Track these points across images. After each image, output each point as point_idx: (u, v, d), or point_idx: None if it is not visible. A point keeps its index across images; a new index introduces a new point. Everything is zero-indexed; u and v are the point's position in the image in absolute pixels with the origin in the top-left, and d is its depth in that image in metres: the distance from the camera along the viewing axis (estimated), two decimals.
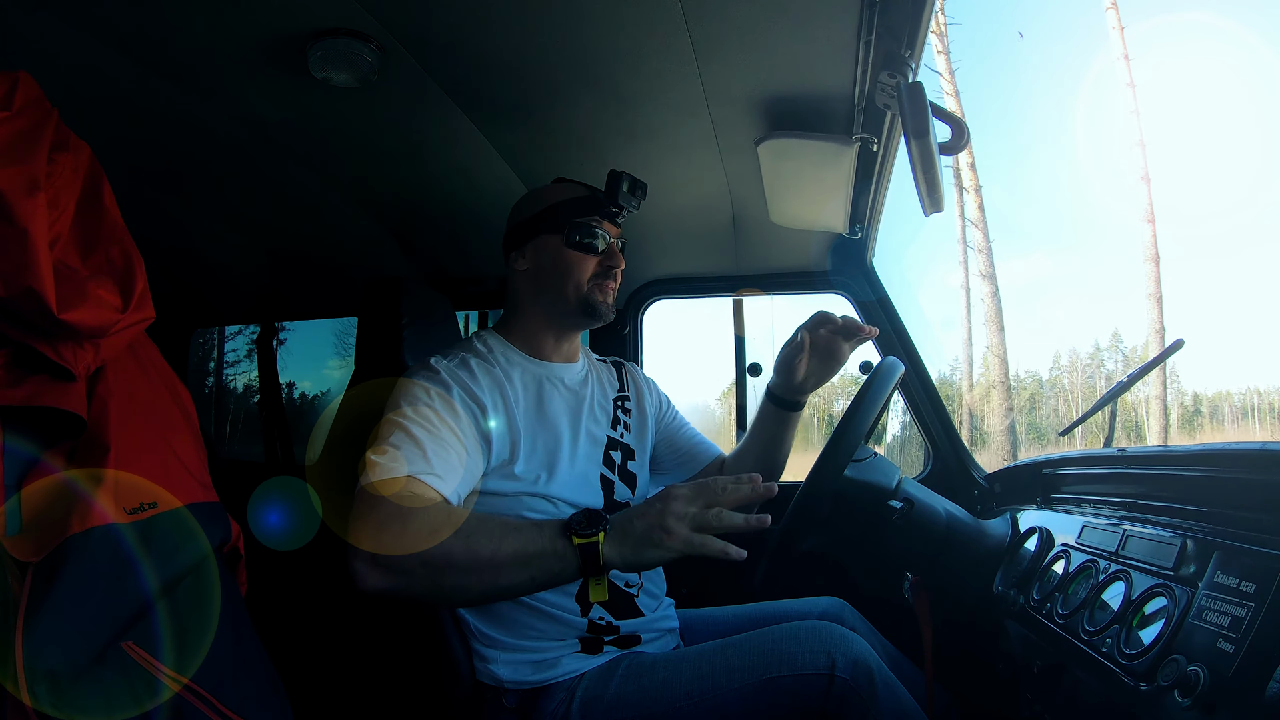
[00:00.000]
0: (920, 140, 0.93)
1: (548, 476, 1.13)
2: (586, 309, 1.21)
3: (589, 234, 1.20)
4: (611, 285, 1.23)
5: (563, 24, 1.02)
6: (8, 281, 0.71)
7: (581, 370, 1.30)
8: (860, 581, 1.53)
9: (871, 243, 1.71)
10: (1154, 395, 11.15)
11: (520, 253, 1.24)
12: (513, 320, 1.27)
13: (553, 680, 1.07)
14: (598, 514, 0.88)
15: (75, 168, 0.81)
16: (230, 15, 0.99)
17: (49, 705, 0.68)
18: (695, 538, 0.84)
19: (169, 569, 0.82)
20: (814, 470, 1.14)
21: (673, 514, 0.85)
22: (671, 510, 0.85)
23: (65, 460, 0.78)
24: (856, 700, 0.96)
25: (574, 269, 1.20)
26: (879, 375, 1.18)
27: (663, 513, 0.85)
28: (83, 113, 0.96)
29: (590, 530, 0.86)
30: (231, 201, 1.67)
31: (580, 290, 1.20)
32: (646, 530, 0.85)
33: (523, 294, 1.25)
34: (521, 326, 1.25)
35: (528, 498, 1.11)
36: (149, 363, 0.92)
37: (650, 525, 0.85)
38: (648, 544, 0.85)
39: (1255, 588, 0.72)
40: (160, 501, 0.83)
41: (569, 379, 1.26)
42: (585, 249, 1.20)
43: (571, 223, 1.20)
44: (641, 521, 0.86)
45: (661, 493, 0.89)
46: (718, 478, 0.89)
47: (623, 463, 1.27)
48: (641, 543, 0.86)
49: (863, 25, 0.97)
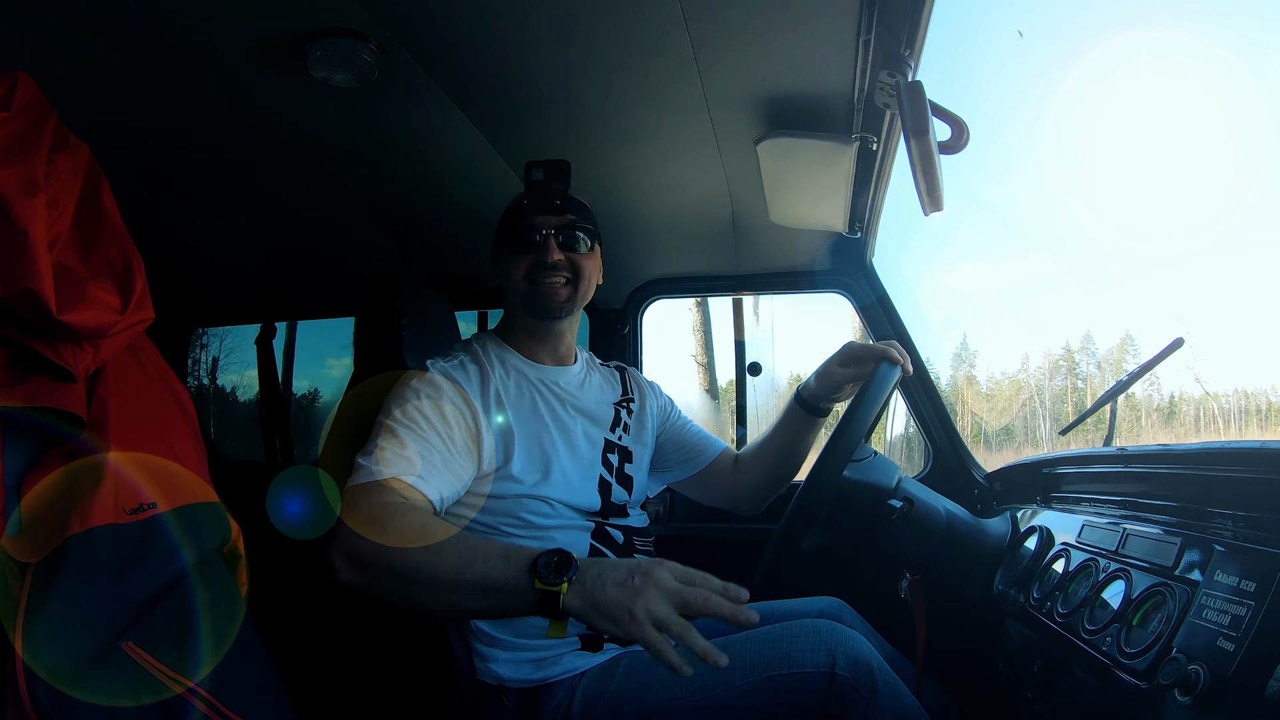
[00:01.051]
0: (920, 139, 0.93)
1: (544, 478, 1.13)
2: (530, 307, 1.24)
3: (520, 232, 1.22)
4: (552, 278, 1.21)
5: (562, 23, 1.02)
6: (7, 282, 0.71)
7: (579, 373, 1.30)
8: (860, 581, 1.53)
9: (871, 242, 1.71)
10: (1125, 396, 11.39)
11: (496, 265, 1.29)
12: (506, 324, 1.31)
13: (554, 678, 1.07)
14: (568, 558, 0.83)
15: (74, 168, 0.81)
16: (229, 15, 0.99)
17: (49, 705, 0.68)
18: (655, 637, 0.77)
19: (169, 569, 0.82)
20: (814, 469, 1.14)
21: (646, 602, 0.78)
22: (646, 597, 0.78)
23: (65, 460, 0.78)
24: (857, 698, 0.96)
25: (513, 270, 1.23)
26: (879, 375, 1.18)
27: (636, 594, 0.79)
28: (82, 113, 0.96)
29: (555, 579, 0.81)
30: (231, 202, 1.67)
31: (519, 290, 1.23)
32: (615, 602, 0.79)
33: (507, 302, 1.30)
34: (512, 331, 1.29)
35: (526, 499, 1.12)
36: (149, 363, 0.92)
37: (620, 600, 0.79)
38: (608, 615, 0.79)
39: (1255, 586, 0.72)
40: (160, 501, 0.83)
41: (564, 381, 1.27)
42: (517, 249, 1.23)
43: (507, 226, 1.24)
44: (614, 590, 0.80)
45: (645, 569, 0.81)
46: (709, 577, 0.82)
47: (620, 465, 1.28)
48: (602, 609, 0.80)
49: (862, 24, 0.97)
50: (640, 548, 1.22)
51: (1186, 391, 13.04)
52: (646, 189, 1.54)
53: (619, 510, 1.23)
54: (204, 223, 1.78)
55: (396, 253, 1.90)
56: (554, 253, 1.20)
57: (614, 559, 0.93)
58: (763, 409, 2.05)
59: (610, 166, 1.42)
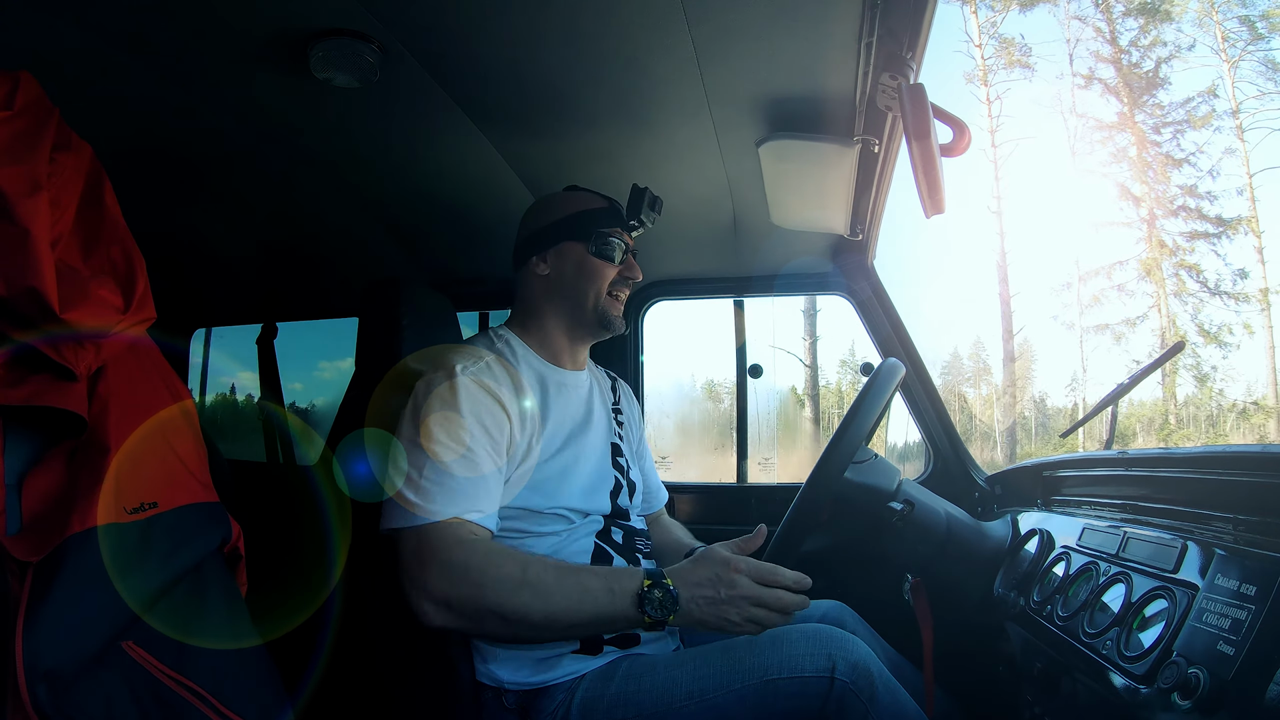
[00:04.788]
0: (921, 142, 0.93)
1: (567, 484, 1.14)
2: (602, 319, 1.23)
3: (612, 244, 1.22)
4: (625, 296, 1.26)
5: (564, 24, 1.02)
6: (9, 281, 0.71)
7: (587, 379, 1.30)
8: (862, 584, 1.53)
9: (872, 244, 1.71)
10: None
11: (541, 257, 1.23)
12: (529, 323, 1.25)
13: (553, 681, 1.07)
14: (669, 592, 0.97)
15: (77, 167, 0.81)
16: (231, 15, 0.99)
17: (49, 705, 0.68)
18: (749, 629, 0.99)
19: (169, 569, 0.82)
20: (814, 472, 1.14)
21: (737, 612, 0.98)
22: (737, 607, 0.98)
23: (66, 460, 0.78)
24: (857, 703, 0.96)
25: (596, 276, 1.21)
26: (880, 377, 1.18)
27: (729, 606, 0.98)
28: (84, 113, 0.96)
29: (662, 614, 0.97)
30: (233, 202, 1.67)
31: (599, 299, 1.22)
32: (712, 616, 0.98)
33: (539, 299, 1.24)
34: (539, 330, 1.25)
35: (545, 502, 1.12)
36: (150, 363, 0.92)
37: (715, 614, 0.98)
38: (707, 627, 0.99)
39: (1256, 590, 0.72)
40: (161, 501, 0.83)
41: (579, 386, 1.27)
42: (608, 258, 1.22)
43: (596, 231, 1.22)
44: (709, 608, 0.98)
45: (728, 580, 0.98)
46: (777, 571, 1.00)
47: (626, 470, 1.29)
48: (703, 625, 0.99)
49: (864, 27, 0.97)
50: (640, 548, 1.23)
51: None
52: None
53: (624, 514, 1.24)
54: (206, 223, 1.78)
55: (398, 253, 1.90)
56: (639, 271, 1.25)
57: (695, 569, 1.01)
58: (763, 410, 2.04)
59: (612, 168, 1.41)
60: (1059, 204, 16.92)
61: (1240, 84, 12.72)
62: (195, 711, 0.77)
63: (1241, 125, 12.64)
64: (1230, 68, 12.66)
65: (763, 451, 5.98)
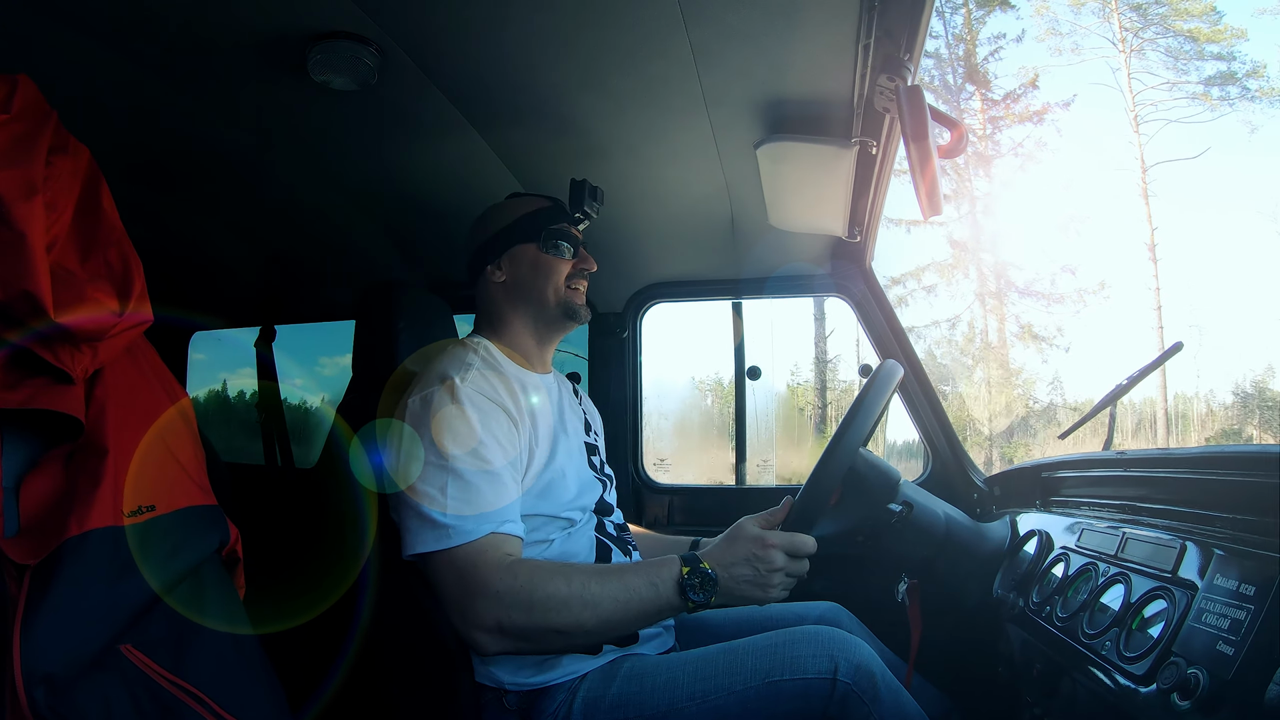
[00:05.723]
0: (919, 143, 0.93)
1: (562, 485, 1.14)
2: (567, 310, 1.24)
3: (562, 239, 1.24)
4: (583, 287, 1.27)
5: (562, 27, 1.02)
6: (5, 285, 0.71)
7: (554, 380, 1.31)
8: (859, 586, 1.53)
9: (870, 246, 1.71)
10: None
11: (496, 265, 1.24)
12: (497, 329, 1.25)
13: (554, 681, 1.07)
14: (708, 575, 1.01)
15: (74, 170, 0.81)
16: (230, 18, 0.99)
17: (47, 708, 0.68)
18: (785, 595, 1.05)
19: (167, 572, 0.81)
20: (814, 474, 1.14)
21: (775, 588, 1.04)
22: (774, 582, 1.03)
23: (63, 463, 0.78)
24: (859, 705, 0.96)
25: (552, 272, 1.23)
26: (878, 379, 1.18)
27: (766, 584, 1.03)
28: (82, 116, 0.96)
29: (704, 597, 1.01)
30: (230, 204, 1.67)
31: (560, 293, 1.23)
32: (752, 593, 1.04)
33: (501, 305, 1.25)
34: (508, 335, 1.25)
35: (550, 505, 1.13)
36: (147, 365, 0.92)
37: (755, 591, 1.03)
38: (748, 601, 1.05)
39: (1255, 590, 0.72)
40: (159, 504, 0.83)
41: (550, 388, 1.27)
42: (559, 253, 1.24)
43: (546, 229, 1.24)
44: (749, 587, 1.03)
45: (763, 558, 1.03)
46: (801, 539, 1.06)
47: (600, 466, 1.30)
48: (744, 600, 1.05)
49: (861, 28, 0.97)
50: (629, 540, 1.26)
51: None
52: (646, 192, 1.54)
53: (609, 508, 1.26)
54: (204, 226, 1.78)
55: (396, 256, 1.90)
56: (592, 261, 1.27)
57: (730, 548, 1.05)
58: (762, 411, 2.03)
59: (610, 170, 1.41)
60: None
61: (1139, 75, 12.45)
62: (193, 714, 0.76)
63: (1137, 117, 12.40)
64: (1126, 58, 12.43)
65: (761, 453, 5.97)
